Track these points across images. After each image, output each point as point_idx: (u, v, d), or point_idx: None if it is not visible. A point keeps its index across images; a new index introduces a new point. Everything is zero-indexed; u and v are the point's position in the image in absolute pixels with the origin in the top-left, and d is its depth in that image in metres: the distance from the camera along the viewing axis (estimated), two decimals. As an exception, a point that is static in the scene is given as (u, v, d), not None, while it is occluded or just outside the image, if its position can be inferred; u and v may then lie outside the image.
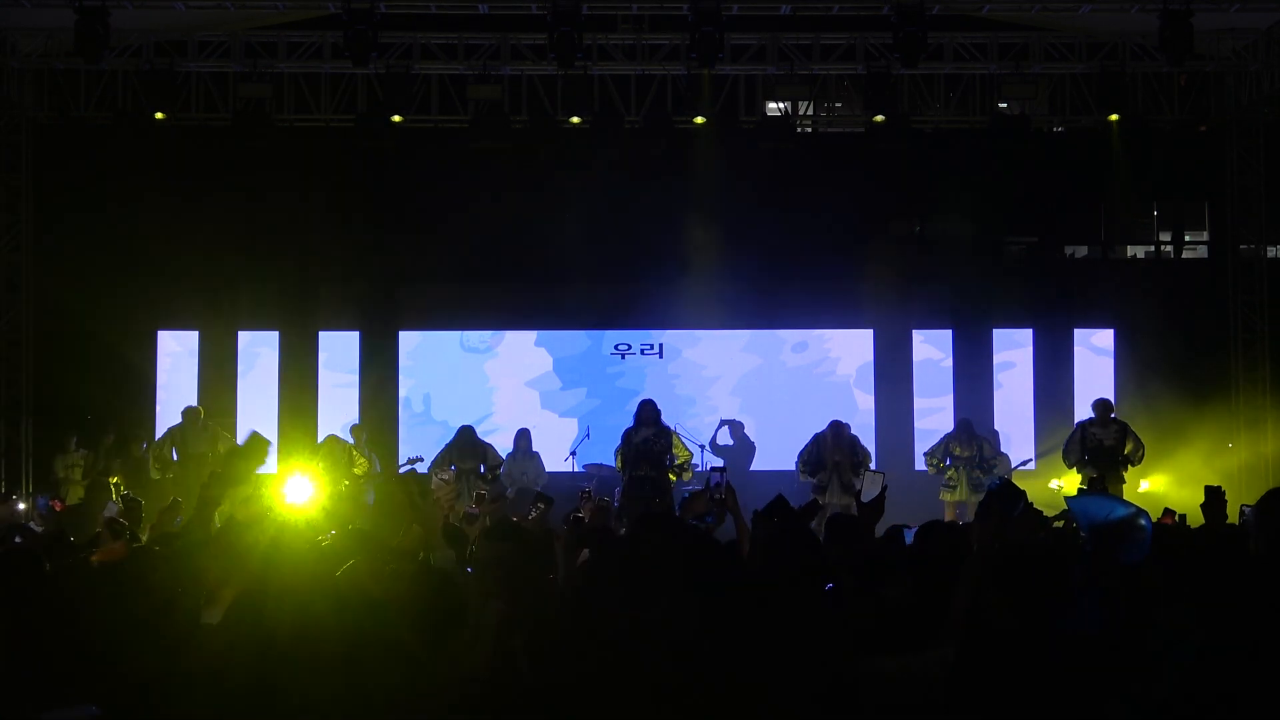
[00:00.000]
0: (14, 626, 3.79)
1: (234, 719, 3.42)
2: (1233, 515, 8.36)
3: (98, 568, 5.34)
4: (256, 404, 16.25)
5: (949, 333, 16.79)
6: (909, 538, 5.80)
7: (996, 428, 15.81)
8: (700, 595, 3.14)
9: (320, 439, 14.84)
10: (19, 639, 3.72)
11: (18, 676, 3.52)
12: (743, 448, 15.99)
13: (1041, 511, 6.77)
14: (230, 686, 3.45)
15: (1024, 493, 5.12)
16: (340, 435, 14.61)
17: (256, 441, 4.28)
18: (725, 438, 16.02)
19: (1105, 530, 4.43)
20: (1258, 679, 3.37)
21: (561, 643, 3.00)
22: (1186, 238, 17.67)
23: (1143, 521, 4.51)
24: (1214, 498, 6.91)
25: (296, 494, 11.59)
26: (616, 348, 16.74)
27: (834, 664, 3.46)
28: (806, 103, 16.21)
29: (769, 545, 4.48)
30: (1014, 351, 16.84)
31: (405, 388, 16.73)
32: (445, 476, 13.27)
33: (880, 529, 6.01)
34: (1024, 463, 15.23)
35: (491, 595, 4.01)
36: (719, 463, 14.69)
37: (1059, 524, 7.01)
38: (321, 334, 16.63)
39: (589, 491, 11.08)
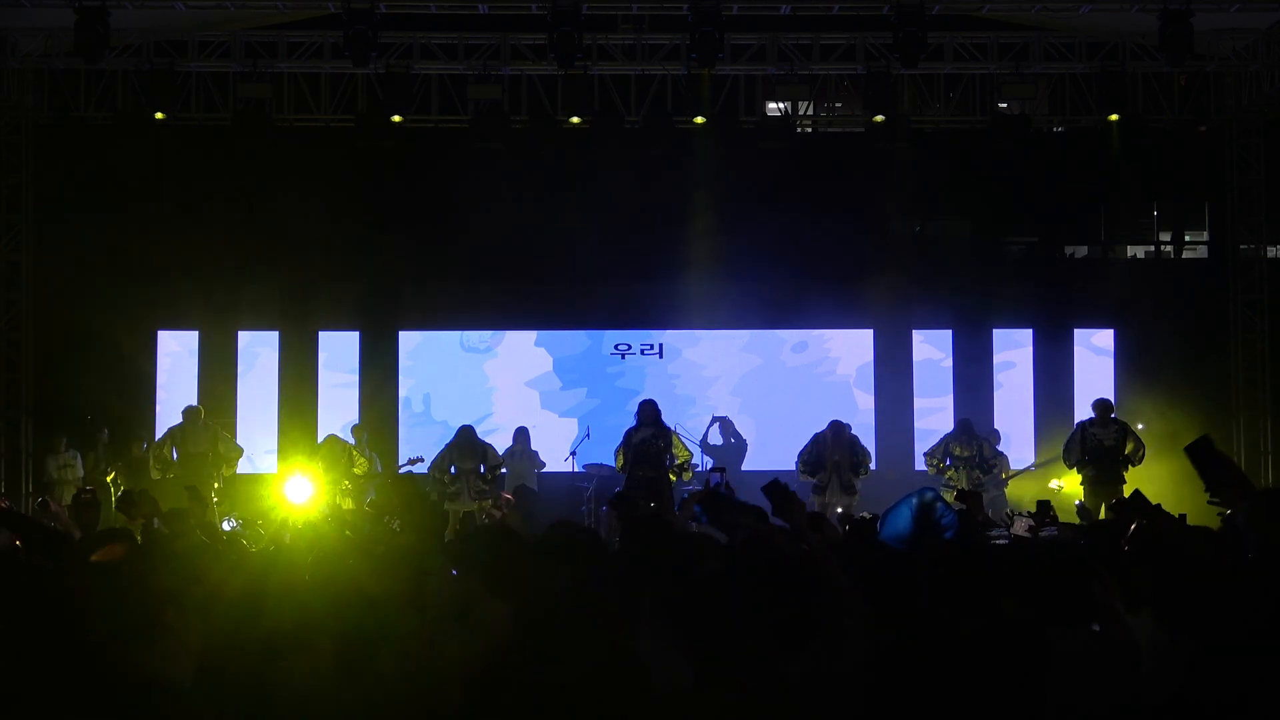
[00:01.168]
0: (13, 627, 3.79)
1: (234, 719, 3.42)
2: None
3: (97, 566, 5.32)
4: (256, 404, 16.28)
5: (949, 333, 16.79)
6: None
7: (996, 427, 15.80)
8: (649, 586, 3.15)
9: (320, 439, 14.85)
10: (18, 640, 3.72)
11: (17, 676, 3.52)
12: (734, 446, 15.91)
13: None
14: (231, 686, 3.45)
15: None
16: (340, 435, 14.62)
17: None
18: (716, 436, 15.94)
19: (914, 532, 4.45)
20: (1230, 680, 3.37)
21: (556, 640, 3.00)
22: (1186, 238, 17.69)
23: (928, 495, 4.56)
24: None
25: (296, 494, 11.65)
26: (616, 348, 16.74)
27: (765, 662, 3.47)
28: (806, 103, 16.20)
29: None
30: (1014, 351, 16.84)
31: (405, 388, 16.73)
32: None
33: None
34: (1026, 468, 15.24)
35: (487, 594, 4.01)
36: (711, 463, 14.72)
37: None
38: (321, 334, 16.63)
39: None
